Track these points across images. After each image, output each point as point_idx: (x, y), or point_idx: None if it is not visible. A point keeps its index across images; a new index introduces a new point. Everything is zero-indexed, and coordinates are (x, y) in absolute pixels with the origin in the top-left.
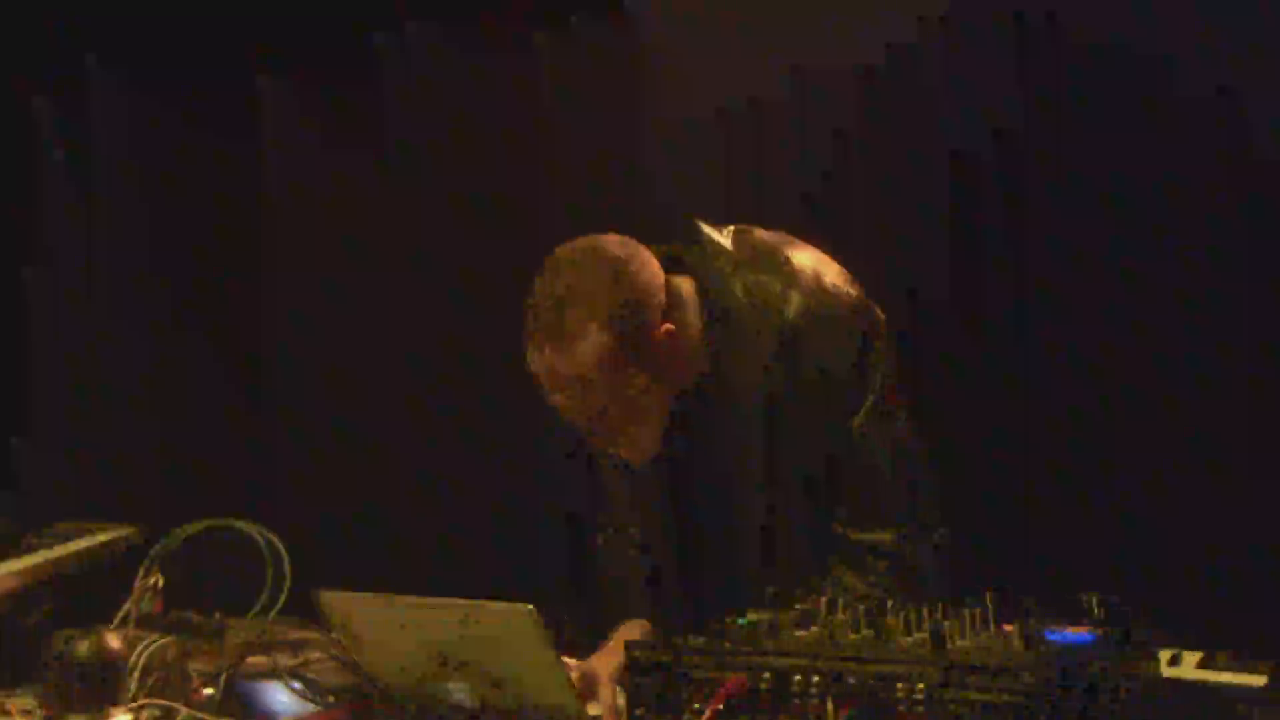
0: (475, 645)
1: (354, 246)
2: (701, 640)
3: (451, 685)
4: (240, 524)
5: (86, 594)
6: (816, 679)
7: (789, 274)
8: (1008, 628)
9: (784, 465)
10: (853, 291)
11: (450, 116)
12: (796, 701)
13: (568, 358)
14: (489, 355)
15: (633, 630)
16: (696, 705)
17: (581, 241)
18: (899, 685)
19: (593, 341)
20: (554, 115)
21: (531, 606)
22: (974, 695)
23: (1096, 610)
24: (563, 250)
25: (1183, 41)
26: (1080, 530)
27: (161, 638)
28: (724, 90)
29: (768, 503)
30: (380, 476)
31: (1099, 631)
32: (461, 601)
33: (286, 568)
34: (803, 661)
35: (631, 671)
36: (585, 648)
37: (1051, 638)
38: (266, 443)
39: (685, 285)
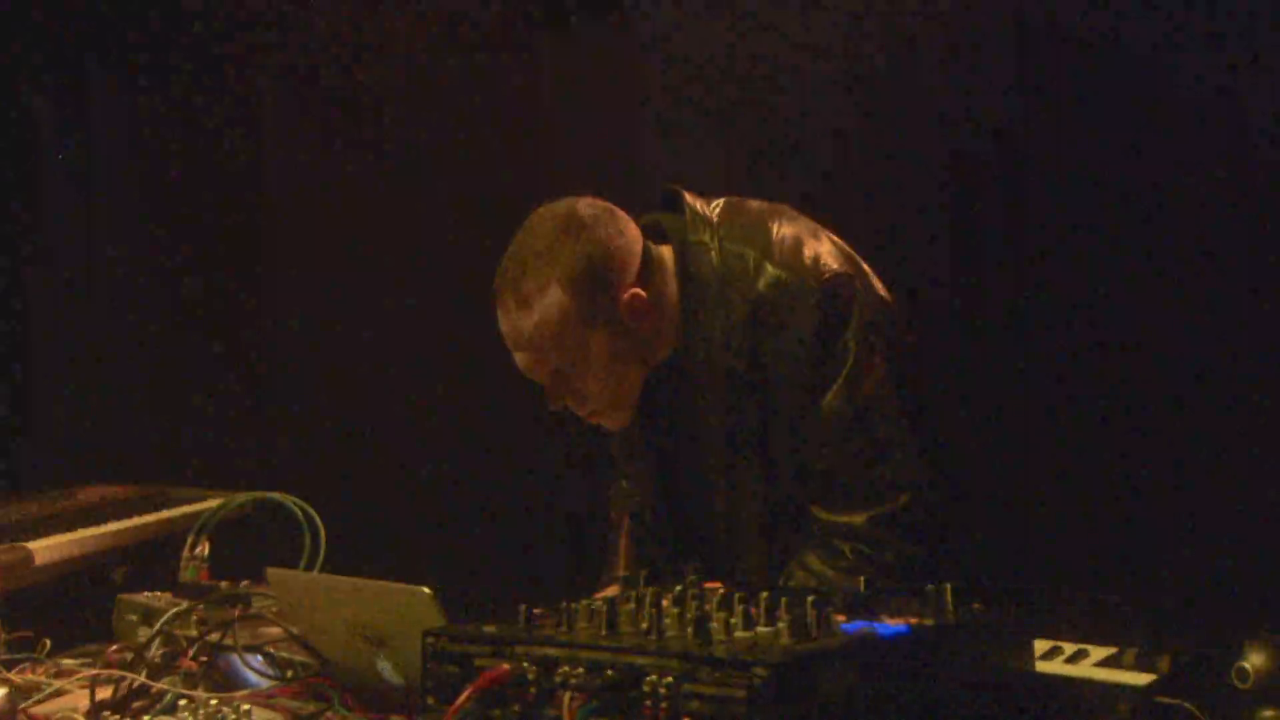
0: (387, 624)
1: (354, 241)
2: (494, 628)
3: (379, 662)
4: (281, 497)
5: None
6: (564, 670)
7: (765, 245)
8: (839, 617)
9: (746, 440)
10: (834, 265)
11: (449, 113)
12: (555, 693)
13: (528, 316)
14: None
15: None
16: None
17: (557, 203)
18: (646, 680)
19: (552, 300)
20: (554, 113)
21: (428, 589)
22: (708, 689)
23: (950, 600)
24: (537, 212)
25: (1181, 39)
26: (1081, 527)
27: (183, 605)
28: (724, 87)
29: (730, 480)
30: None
31: (916, 623)
32: (369, 582)
33: (323, 540)
34: (553, 652)
35: (425, 659)
36: None
37: (846, 629)
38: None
39: (665, 254)
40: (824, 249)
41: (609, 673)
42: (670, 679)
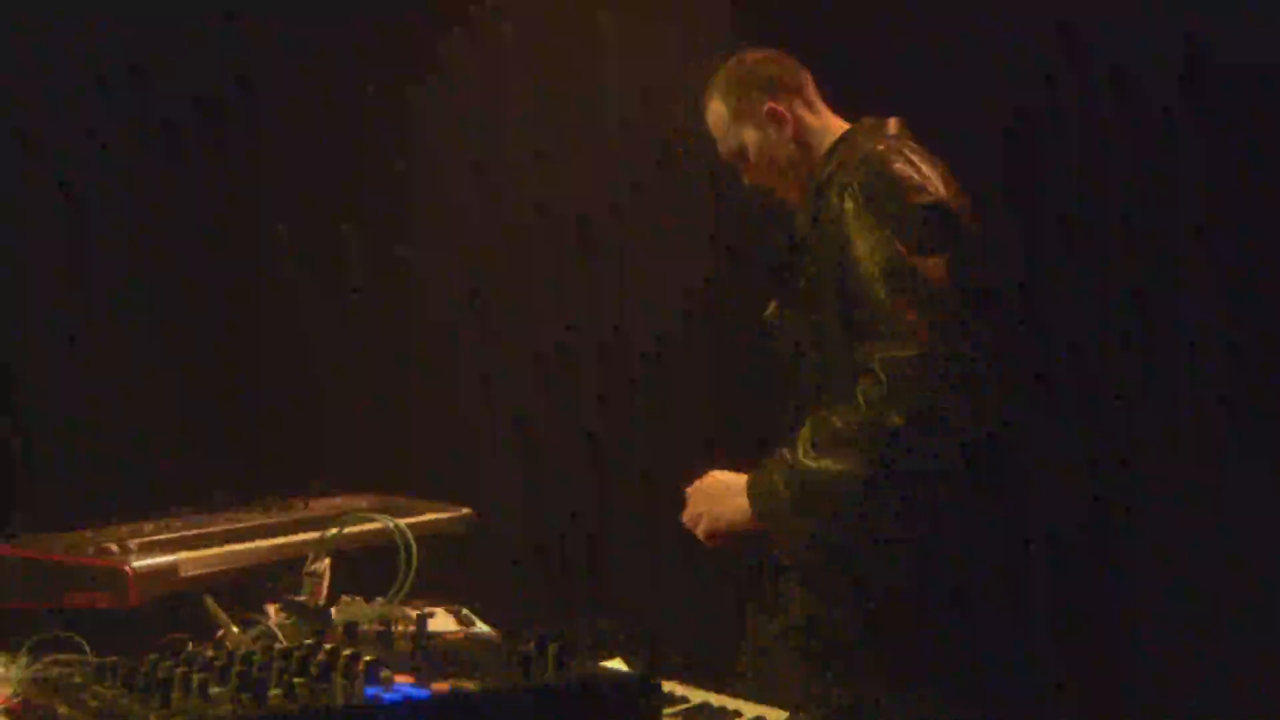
0: None
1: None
2: None
3: None
4: (380, 516)
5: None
6: None
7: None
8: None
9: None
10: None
11: None
12: None
13: (707, 118)
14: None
15: None
16: None
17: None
18: None
19: (713, 108)
20: None
21: None
22: None
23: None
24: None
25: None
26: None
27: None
28: None
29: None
30: None
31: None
32: None
33: (414, 558)
34: None
35: None
36: None
37: (369, 693)
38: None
39: (830, 119)
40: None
41: None
42: None
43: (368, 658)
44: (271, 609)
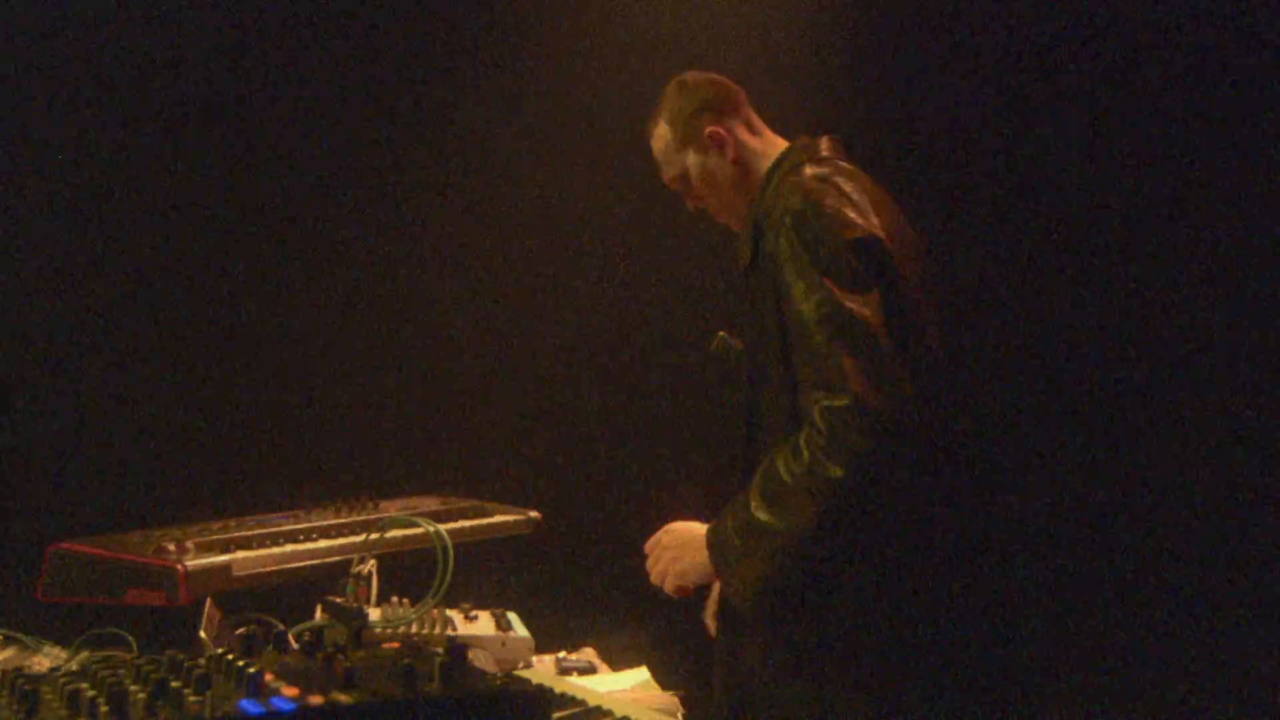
0: None
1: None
2: None
3: None
4: (421, 520)
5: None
6: None
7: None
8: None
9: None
10: (848, 213)
11: None
12: None
13: (652, 143)
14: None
15: None
16: None
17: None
18: None
19: (658, 133)
20: None
21: None
22: None
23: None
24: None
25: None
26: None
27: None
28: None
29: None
30: None
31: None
32: None
33: (450, 562)
34: None
35: None
36: None
37: (243, 705)
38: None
39: (769, 139)
40: (852, 205)
41: None
42: None
43: (252, 669)
44: (319, 609)
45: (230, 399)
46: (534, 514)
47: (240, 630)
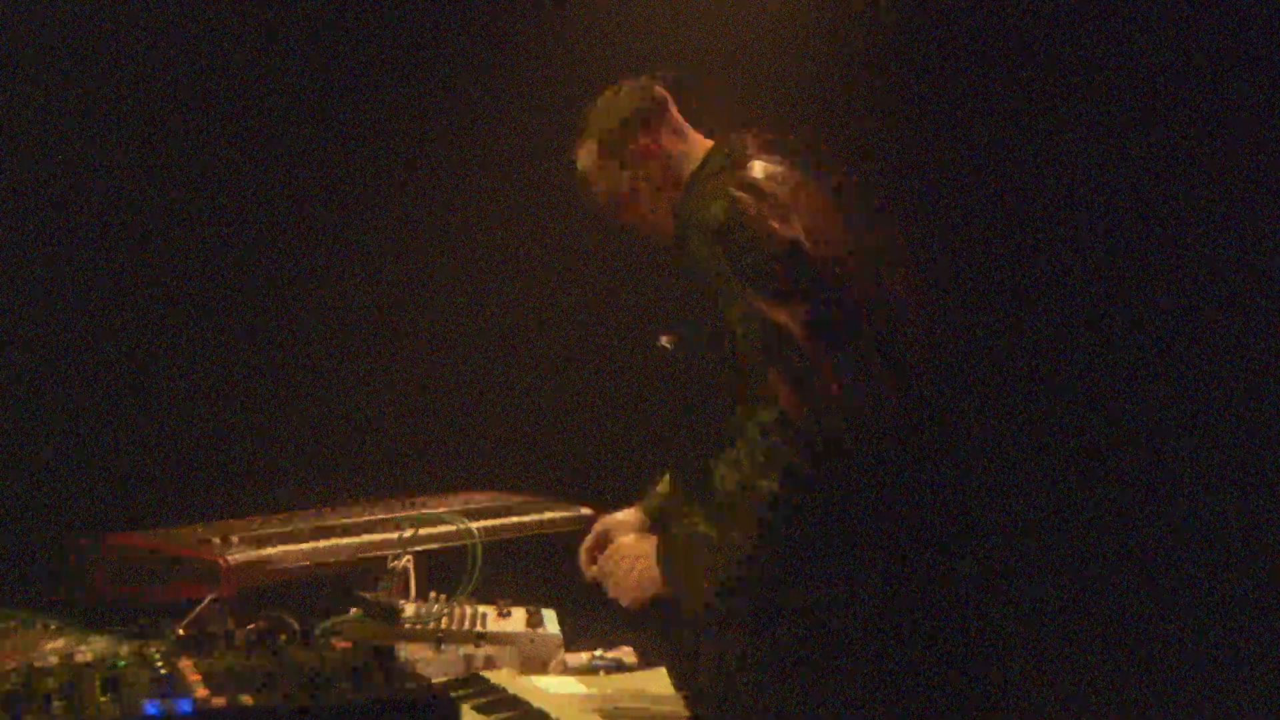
0: None
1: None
2: None
3: None
4: (452, 517)
5: None
6: None
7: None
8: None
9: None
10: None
11: None
12: None
13: (579, 166)
14: None
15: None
16: None
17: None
18: None
19: (584, 153)
20: None
21: None
22: None
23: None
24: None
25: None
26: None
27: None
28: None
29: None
30: None
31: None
32: None
33: (479, 559)
34: None
35: None
36: None
37: (147, 707)
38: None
39: (695, 141)
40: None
41: None
42: None
43: (165, 671)
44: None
45: (292, 395)
46: (586, 510)
47: (250, 626)
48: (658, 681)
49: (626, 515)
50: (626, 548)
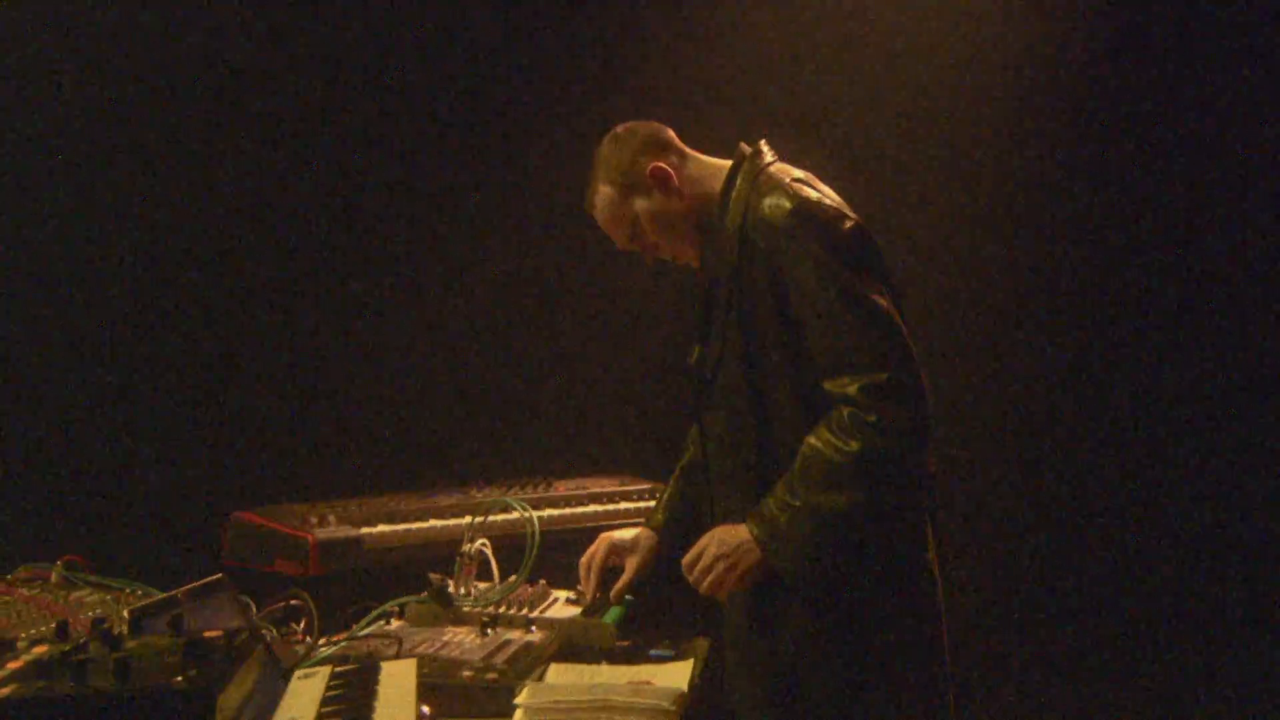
0: None
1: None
2: None
3: None
4: (517, 503)
5: None
6: None
7: (770, 188)
8: None
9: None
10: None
11: None
12: None
13: (598, 210)
14: None
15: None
16: None
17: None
18: None
19: (601, 194)
20: None
21: None
22: None
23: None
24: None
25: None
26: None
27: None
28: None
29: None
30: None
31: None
32: None
33: (536, 545)
34: None
35: None
36: None
37: None
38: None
39: (705, 161)
40: (805, 192)
41: None
42: None
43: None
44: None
45: (427, 382)
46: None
47: (269, 608)
48: (678, 674)
49: (632, 533)
50: (720, 538)
